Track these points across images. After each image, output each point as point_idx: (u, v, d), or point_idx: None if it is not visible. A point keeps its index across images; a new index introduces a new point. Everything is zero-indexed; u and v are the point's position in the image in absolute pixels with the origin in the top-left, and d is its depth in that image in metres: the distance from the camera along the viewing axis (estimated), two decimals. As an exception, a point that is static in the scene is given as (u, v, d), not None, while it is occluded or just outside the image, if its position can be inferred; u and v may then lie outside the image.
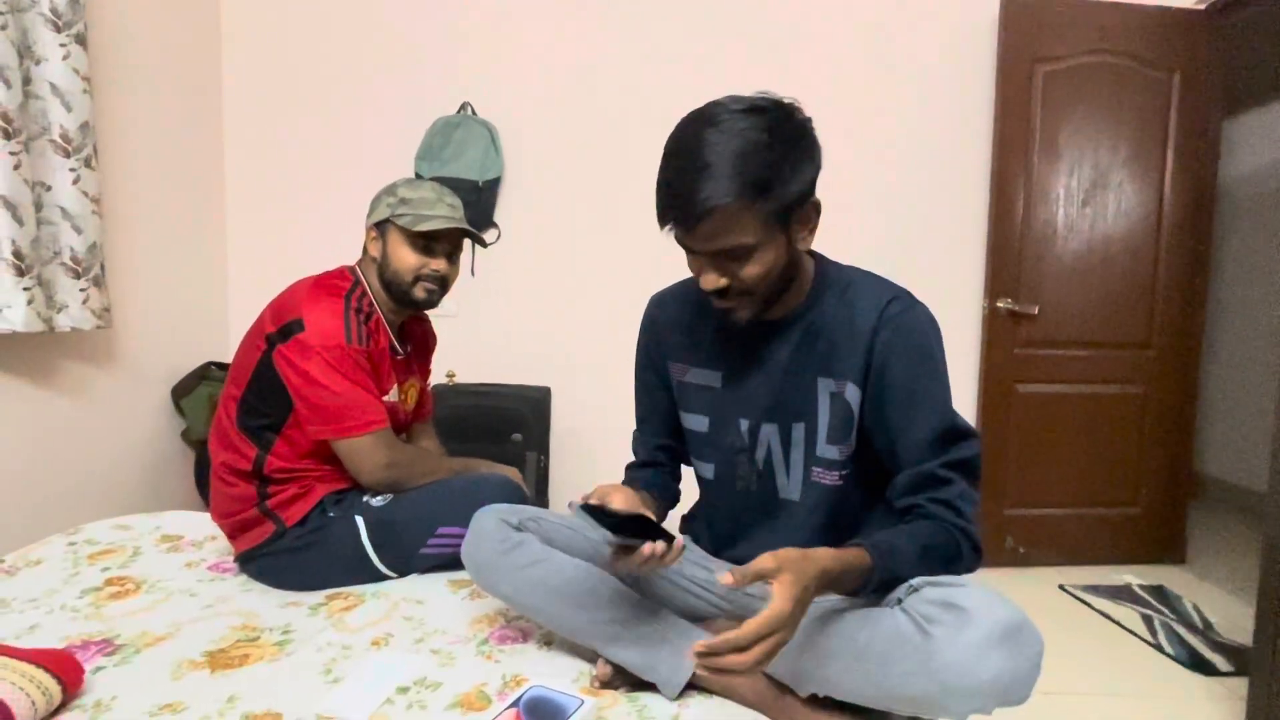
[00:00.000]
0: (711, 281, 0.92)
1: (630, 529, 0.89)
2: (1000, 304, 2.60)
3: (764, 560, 0.77)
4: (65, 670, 0.99)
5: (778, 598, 0.76)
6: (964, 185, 2.66)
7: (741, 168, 0.85)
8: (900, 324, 0.96)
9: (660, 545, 0.89)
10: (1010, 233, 2.59)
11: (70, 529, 1.64)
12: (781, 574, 0.78)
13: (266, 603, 1.33)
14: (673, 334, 1.13)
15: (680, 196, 0.86)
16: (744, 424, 1.06)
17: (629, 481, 1.16)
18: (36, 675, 0.95)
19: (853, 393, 0.99)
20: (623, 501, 0.97)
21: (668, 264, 1.26)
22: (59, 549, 1.52)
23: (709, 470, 1.14)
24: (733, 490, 1.11)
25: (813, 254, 1.06)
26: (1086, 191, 2.60)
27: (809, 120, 0.91)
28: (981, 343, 2.65)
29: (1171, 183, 2.60)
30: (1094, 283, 2.61)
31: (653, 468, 1.21)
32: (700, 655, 0.76)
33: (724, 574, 0.75)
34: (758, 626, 0.75)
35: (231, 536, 1.43)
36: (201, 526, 1.66)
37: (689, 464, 1.20)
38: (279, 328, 1.35)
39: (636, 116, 2.60)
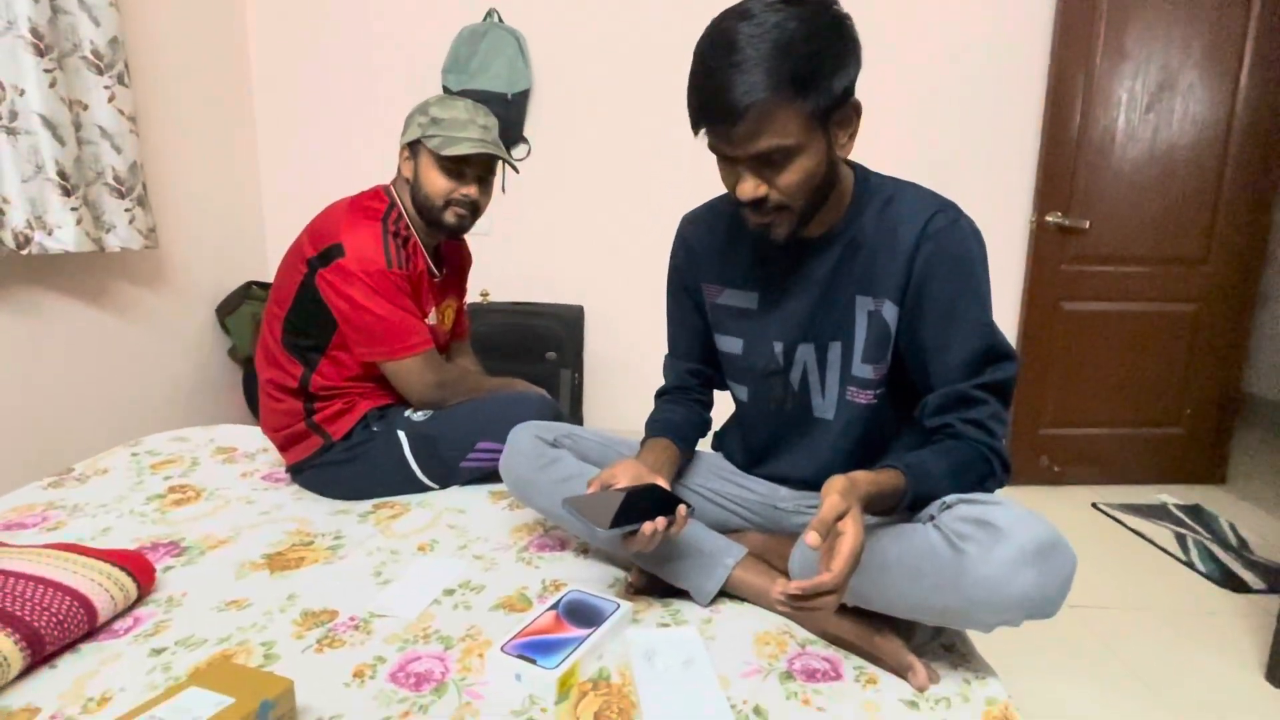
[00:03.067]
0: (749, 190, 0.88)
1: (636, 504, 0.90)
2: (1050, 218, 2.50)
3: (834, 503, 0.76)
4: (139, 569, 1.04)
5: (851, 533, 0.76)
6: (1016, 90, 2.50)
7: (779, 62, 0.80)
8: (944, 239, 0.93)
9: (661, 521, 0.89)
10: (1065, 142, 2.45)
11: (131, 441, 1.71)
12: (851, 508, 0.77)
13: (318, 510, 1.38)
14: (706, 255, 1.10)
15: (714, 95, 0.82)
16: (779, 346, 1.05)
17: (653, 425, 1.14)
18: (114, 574, 1.01)
19: (890, 311, 0.97)
20: (629, 476, 0.96)
21: (704, 178, 1.23)
22: (123, 459, 1.58)
23: (743, 392, 1.14)
24: (766, 410, 1.11)
25: (852, 164, 1.02)
26: (1152, 95, 2.43)
27: (847, 15, 0.86)
28: (1027, 258, 2.56)
29: (1247, 84, 2.41)
30: (1151, 195, 2.48)
31: (683, 393, 1.20)
32: (790, 599, 0.76)
33: (809, 535, 0.74)
34: (844, 566, 0.74)
35: (282, 449, 1.47)
36: (253, 439, 1.72)
37: (722, 387, 1.20)
38: (319, 252, 1.35)
39: (671, 21, 2.48)
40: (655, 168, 2.59)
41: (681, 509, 0.92)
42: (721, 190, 1.05)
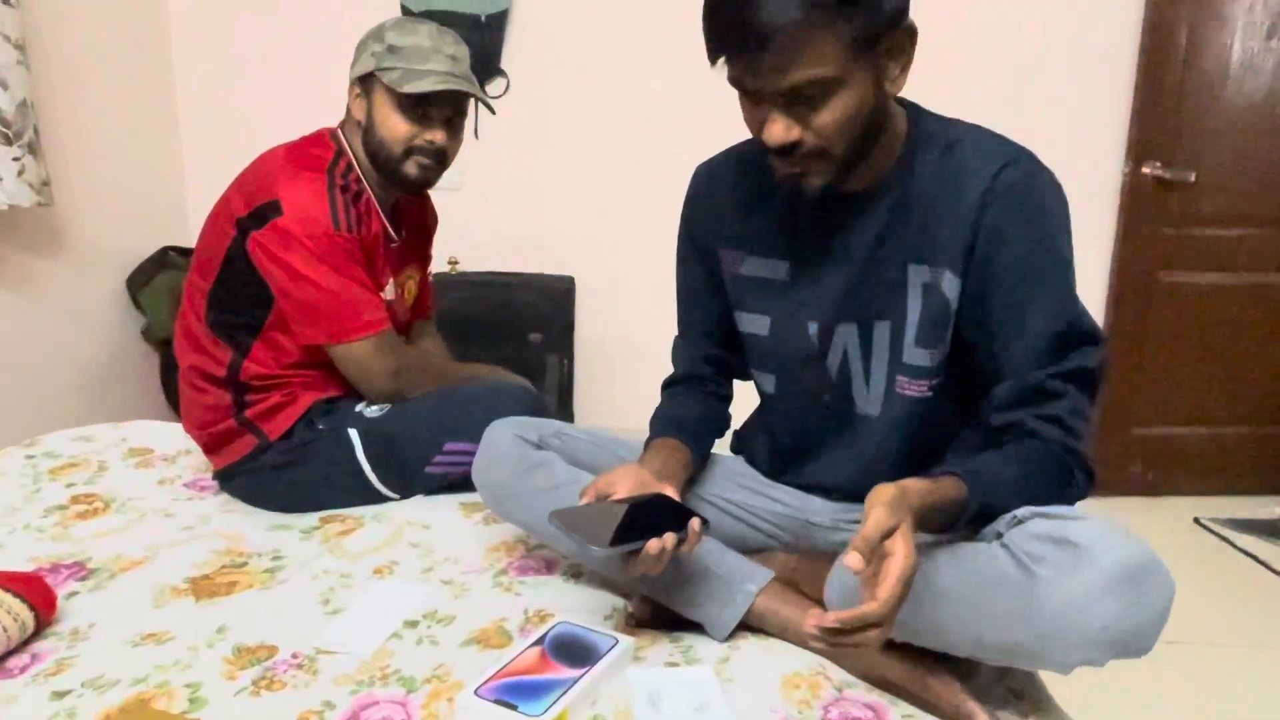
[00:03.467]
0: (779, 133, 0.87)
1: (640, 518, 0.91)
2: (1146, 169, 2.49)
3: (880, 518, 0.76)
4: (37, 596, 1.05)
5: (901, 554, 0.75)
6: (1106, 14, 2.48)
7: None
8: (1017, 195, 0.93)
9: (670, 539, 0.89)
10: (1166, 76, 2.44)
11: (25, 440, 1.72)
12: (901, 524, 0.77)
13: (252, 525, 1.39)
14: (725, 214, 1.11)
15: (737, 16, 0.82)
16: (813, 326, 1.06)
17: (660, 422, 1.15)
18: (7, 601, 1.01)
19: (951, 283, 0.97)
20: (630, 484, 0.97)
21: (723, 120, 1.22)
22: (17, 462, 1.60)
23: (769, 382, 1.14)
24: (798, 405, 1.12)
25: (905, 103, 1.01)
26: (1275, 17, 2.41)
27: None
28: (1118, 219, 2.56)
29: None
30: (1275, 141, 2.47)
31: (696, 384, 1.20)
32: (827, 633, 0.76)
33: (850, 556, 0.74)
34: (892, 594, 0.74)
35: (208, 450, 1.48)
36: (173, 439, 1.73)
37: (744, 377, 1.20)
38: (251, 211, 1.35)
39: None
40: (662, 106, 2.57)
41: (694, 523, 0.93)
42: (744, 134, 1.05)
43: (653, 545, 0.89)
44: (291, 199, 1.33)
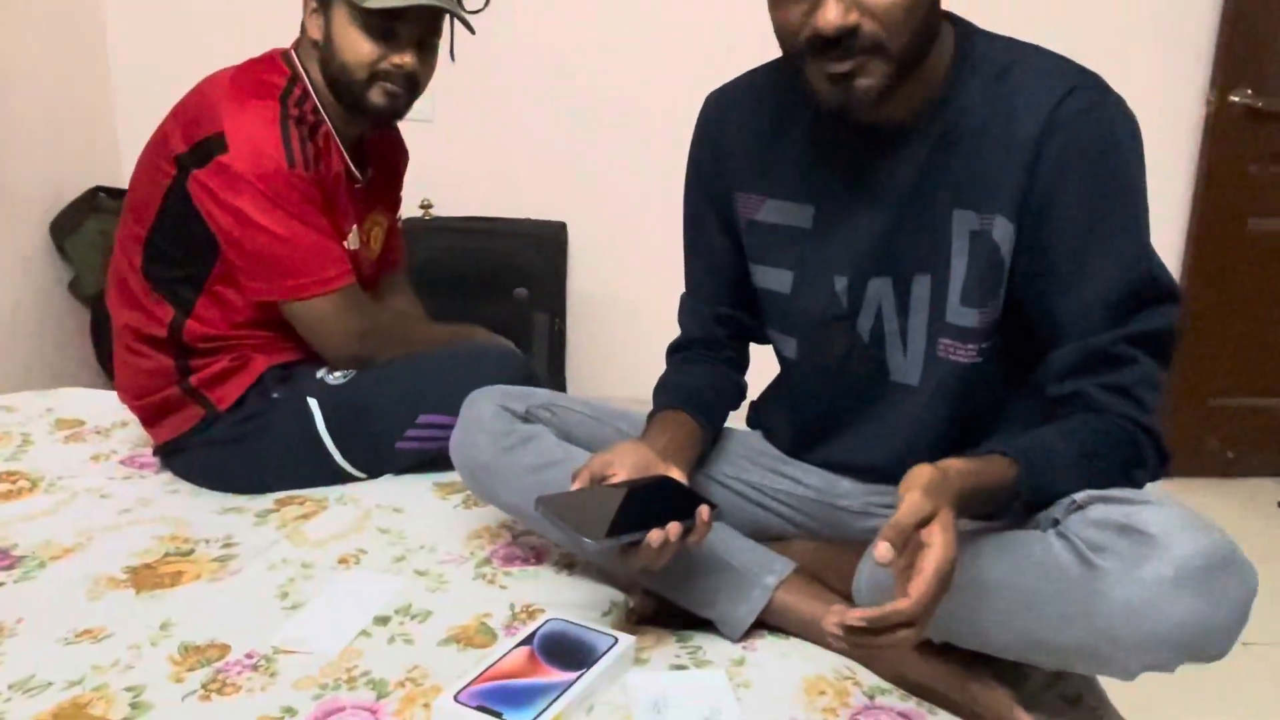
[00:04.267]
0: (836, 15, 0.85)
1: (641, 504, 0.92)
2: (1235, 97, 2.46)
3: (915, 503, 0.76)
4: None
5: (939, 544, 0.75)
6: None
7: None
8: (1082, 127, 0.93)
9: (675, 528, 0.90)
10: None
11: (-63, 410, 1.74)
12: (940, 510, 0.77)
13: (200, 508, 1.40)
14: (741, 150, 1.10)
15: None
16: (842, 281, 1.06)
17: (666, 392, 1.16)
18: None
19: (1004, 230, 0.97)
20: (630, 465, 0.97)
21: (736, 43, 1.24)
22: (-73, 435, 1.63)
23: (791, 346, 1.14)
24: (824, 372, 1.12)
25: (951, 17, 1.01)
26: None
27: None
28: (1200, 156, 2.54)
29: None
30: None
31: (707, 349, 1.21)
32: (852, 633, 0.76)
33: (880, 546, 0.74)
34: (928, 589, 0.74)
35: (147, 423, 1.49)
36: (107, 409, 1.72)
37: (763, 341, 1.21)
38: (192, 146, 1.34)
39: None
40: (670, 22, 2.54)
41: (703, 510, 0.93)
42: (761, 58, 1.04)
43: (654, 537, 0.89)
44: (238, 132, 1.32)
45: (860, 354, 1.08)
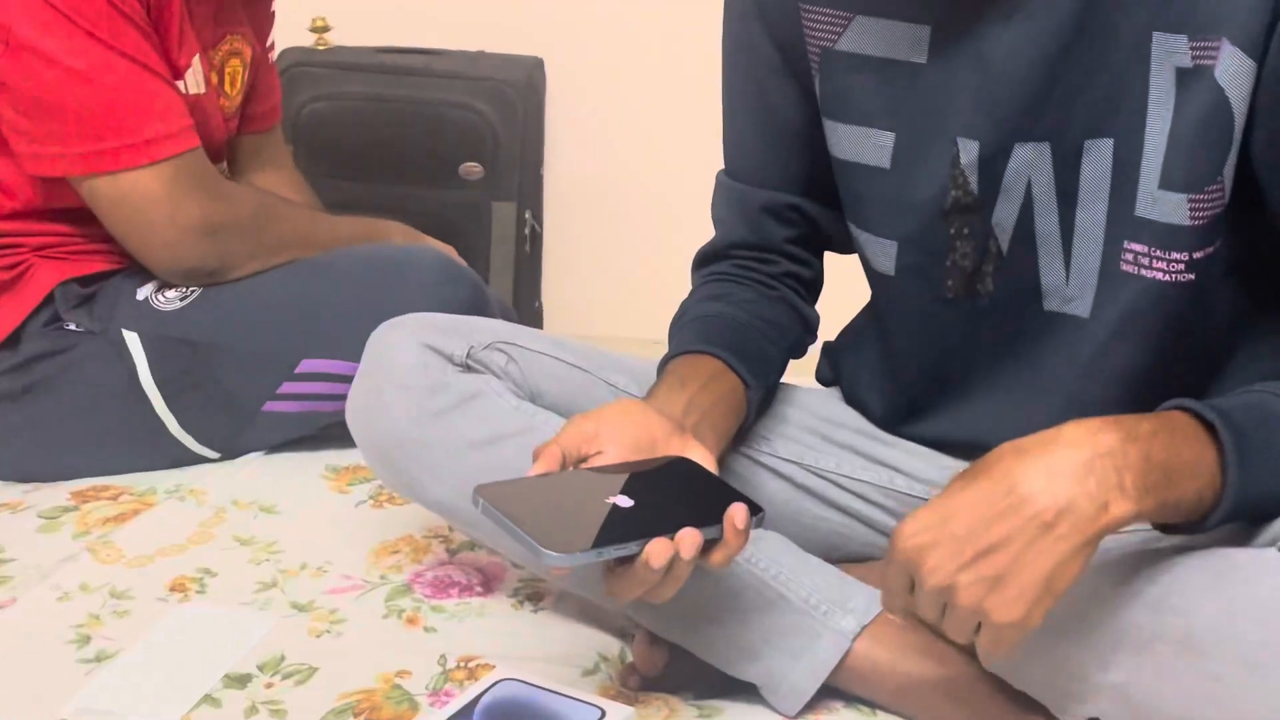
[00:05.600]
0: None
1: (640, 502, 0.87)
2: None
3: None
4: None
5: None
6: None
7: None
8: None
9: (688, 538, 0.83)
10: None
11: None
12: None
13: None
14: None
15: None
16: (970, 148, 1.00)
17: (689, 326, 1.13)
18: None
19: (1235, 67, 0.89)
20: (629, 439, 0.93)
21: None
22: None
23: (887, 255, 1.08)
24: (941, 298, 1.07)
25: None
26: None
27: None
28: None
29: None
30: None
31: (751, 261, 1.18)
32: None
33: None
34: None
35: None
36: None
37: (842, 249, 1.18)
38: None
39: None
40: None
41: (737, 513, 0.85)
42: None
43: (656, 551, 0.80)
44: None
45: (998, 267, 1.03)
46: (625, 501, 0.86)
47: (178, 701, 1.01)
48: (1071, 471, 0.76)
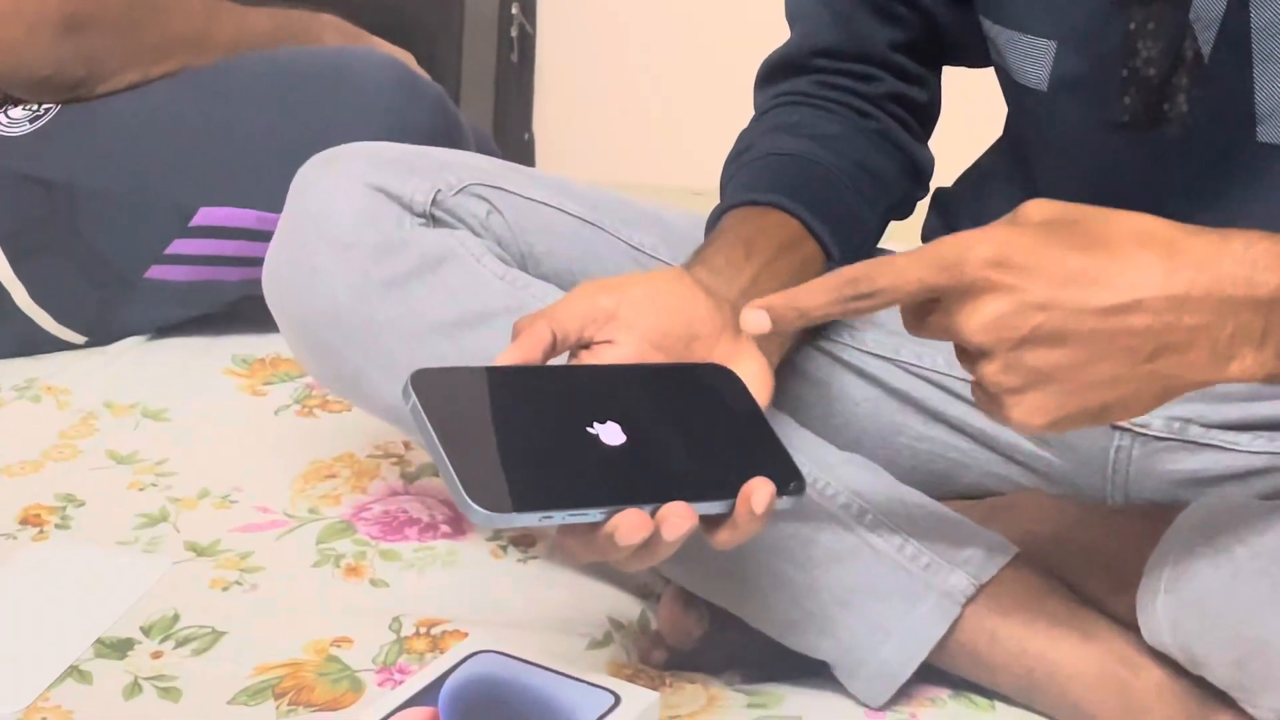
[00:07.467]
0: None
1: (635, 431, 0.81)
2: None
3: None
4: None
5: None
6: None
7: None
8: None
9: (675, 514, 0.77)
10: None
11: None
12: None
13: None
14: None
15: None
16: None
17: (750, 165, 1.10)
18: None
19: None
20: (650, 326, 0.89)
21: None
22: None
23: (1039, 60, 1.04)
24: (1111, 119, 1.01)
25: None
26: None
27: None
28: None
29: None
30: None
31: (838, 78, 1.14)
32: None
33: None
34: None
35: None
36: None
37: (962, 58, 1.16)
38: None
39: None
40: None
41: (756, 495, 0.80)
42: None
43: (625, 527, 0.75)
44: None
45: (1195, 79, 0.98)
46: (613, 434, 0.80)
47: (31, 676, 1.00)
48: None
